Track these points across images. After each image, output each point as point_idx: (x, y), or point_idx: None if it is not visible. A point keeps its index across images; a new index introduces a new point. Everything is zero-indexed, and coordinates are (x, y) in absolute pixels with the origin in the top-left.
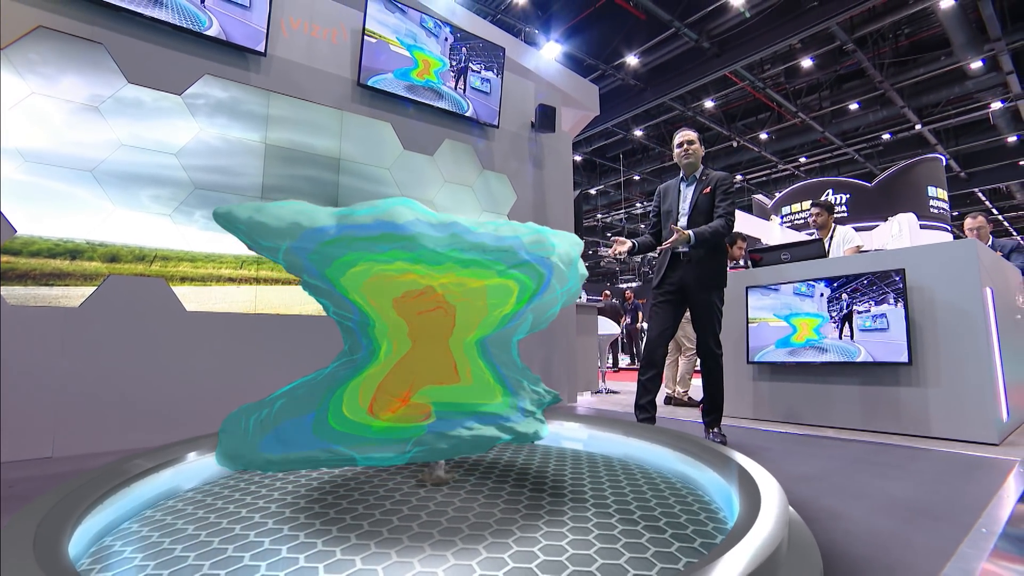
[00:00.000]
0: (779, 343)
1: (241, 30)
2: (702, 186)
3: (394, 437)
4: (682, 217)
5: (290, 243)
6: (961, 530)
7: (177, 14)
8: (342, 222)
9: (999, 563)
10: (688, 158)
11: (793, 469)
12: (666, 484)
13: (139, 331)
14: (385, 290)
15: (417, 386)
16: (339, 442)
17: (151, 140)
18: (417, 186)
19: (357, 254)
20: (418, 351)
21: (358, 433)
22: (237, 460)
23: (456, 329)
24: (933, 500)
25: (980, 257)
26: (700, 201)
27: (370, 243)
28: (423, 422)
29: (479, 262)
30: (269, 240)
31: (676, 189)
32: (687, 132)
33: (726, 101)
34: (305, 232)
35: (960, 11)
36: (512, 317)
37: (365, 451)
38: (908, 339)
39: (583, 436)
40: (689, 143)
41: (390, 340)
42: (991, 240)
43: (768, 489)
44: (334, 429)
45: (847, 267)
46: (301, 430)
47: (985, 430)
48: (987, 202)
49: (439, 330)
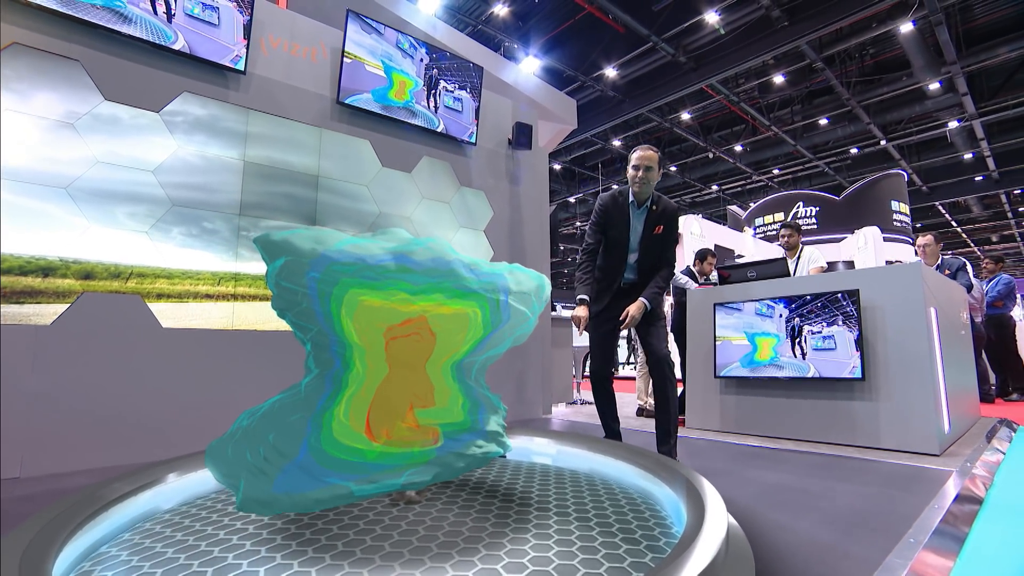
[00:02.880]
0: (743, 360)
1: (208, 46)
2: (654, 221)
3: (404, 461)
4: (632, 253)
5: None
6: (892, 540)
7: (143, 29)
8: (399, 258)
9: (919, 572)
10: (641, 184)
11: (751, 482)
12: (626, 498)
13: (113, 348)
14: (377, 317)
15: (415, 407)
16: (349, 471)
17: (128, 157)
18: (395, 203)
19: (370, 283)
20: (397, 374)
21: (358, 459)
22: (271, 505)
23: (435, 354)
24: (873, 511)
25: (925, 279)
26: (653, 238)
27: (396, 274)
28: (433, 445)
29: (464, 293)
30: (300, 274)
31: (624, 214)
32: (648, 153)
33: (703, 113)
34: (357, 267)
35: (919, 36)
36: (480, 342)
37: (379, 478)
38: (862, 356)
39: (552, 451)
40: (647, 169)
41: (366, 362)
42: (940, 259)
43: (713, 505)
44: (336, 457)
45: (806, 287)
46: (308, 464)
47: (928, 441)
48: (947, 215)
49: (418, 354)
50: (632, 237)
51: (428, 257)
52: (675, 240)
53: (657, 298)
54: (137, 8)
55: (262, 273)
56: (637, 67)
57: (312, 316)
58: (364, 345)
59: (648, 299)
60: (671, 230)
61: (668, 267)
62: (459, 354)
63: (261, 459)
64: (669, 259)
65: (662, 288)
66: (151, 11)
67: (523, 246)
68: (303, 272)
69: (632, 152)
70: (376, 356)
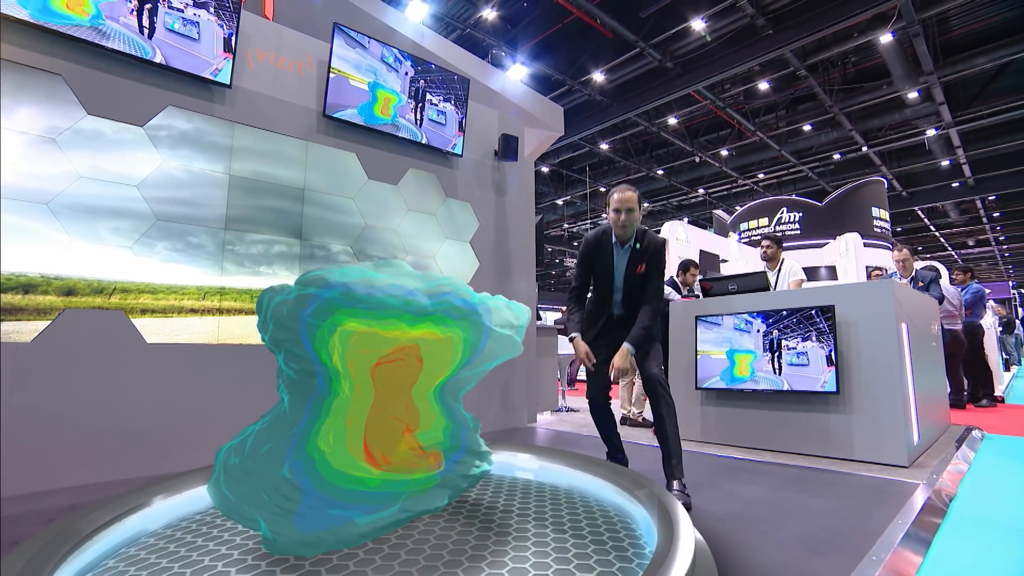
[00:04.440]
0: (722, 375)
1: (187, 60)
2: (636, 260)
3: (411, 488)
4: (619, 291)
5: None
6: (855, 558)
7: (123, 43)
8: (434, 297)
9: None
10: (625, 228)
11: (730, 496)
12: (602, 516)
13: (97, 365)
14: (368, 346)
15: (409, 430)
16: (360, 501)
17: (111, 172)
18: (381, 215)
19: (366, 316)
20: (384, 398)
21: (361, 488)
22: (316, 545)
23: (421, 379)
24: (841, 527)
25: (896, 296)
26: (636, 276)
27: (398, 309)
28: (437, 469)
29: (450, 321)
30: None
31: (609, 254)
32: (627, 195)
33: (689, 117)
34: (353, 301)
35: (898, 46)
36: (463, 366)
37: (392, 506)
38: (837, 370)
39: (535, 467)
40: (628, 211)
41: (353, 388)
42: (915, 271)
43: (683, 528)
44: (342, 488)
45: (784, 302)
46: (317, 498)
47: (897, 454)
48: (926, 219)
49: (404, 379)
50: (616, 276)
51: (460, 299)
52: (660, 273)
53: (642, 340)
54: (116, 23)
55: (248, 287)
56: (625, 72)
57: (302, 349)
58: (352, 373)
59: (633, 343)
60: (655, 265)
61: (652, 302)
62: (443, 378)
63: (281, 498)
64: (652, 294)
65: (647, 327)
66: (130, 27)
67: (509, 257)
68: (294, 314)
69: (611, 194)
70: (363, 381)
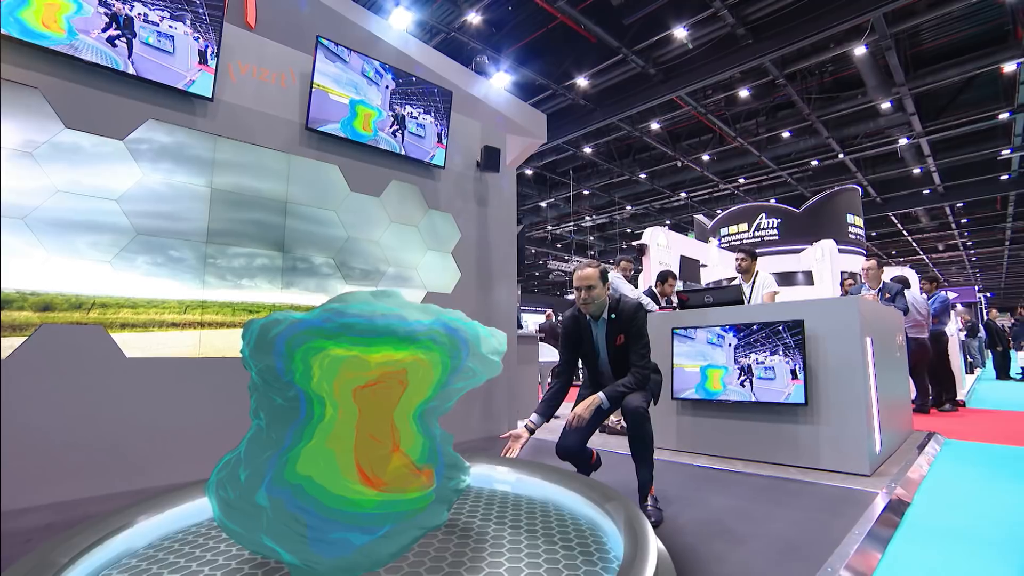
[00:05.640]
0: (696, 388)
1: (159, 72)
2: (615, 331)
3: (410, 507)
4: (606, 365)
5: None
6: (813, 568)
7: (96, 56)
8: (426, 326)
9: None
10: (589, 306)
11: (700, 506)
12: (574, 527)
13: (74, 380)
14: (353, 369)
15: (398, 449)
16: (362, 524)
17: (90, 186)
18: (364, 227)
19: (361, 340)
20: (368, 419)
21: (358, 510)
22: (353, 568)
23: (403, 401)
24: (802, 538)
25: (861, 311)
26: (618, 349)
27: (380, 335)
28: (430, 486)
29: (434, 346)
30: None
31: (587, 331)
32: (585, 272)
33: (671, 123)
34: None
35: (871, 58)
36: (442, 386)
37: (401, 527)
38: (805, 382)
39: (512, 479)
40: (588, 288)
41: (337, 412)
42: (882, 283)
43: (647, 540)
44: (342, 510)
45: (757, 316)
46: (321, 521)
47: (860, 462)
48: (899, 225)
49: (386, 401)
50: (600, 351)
51: (428, 323)
52: (640, 336)
53: (619, 397)
54: (89, 38)
55: (230, 300)
56: (608, 77)
57: (281, 374)
58: (337, 396)
59: (608, 397)
60: (635, 332)
61: (636, 367)
62: (423, 399)
63: (294, 527)
64: (635, 360)
65: (629, 388)
66: (103, 41)
67: (491, 267)
68: (271, 344)
69: (573, 273)
70: (346, 404)
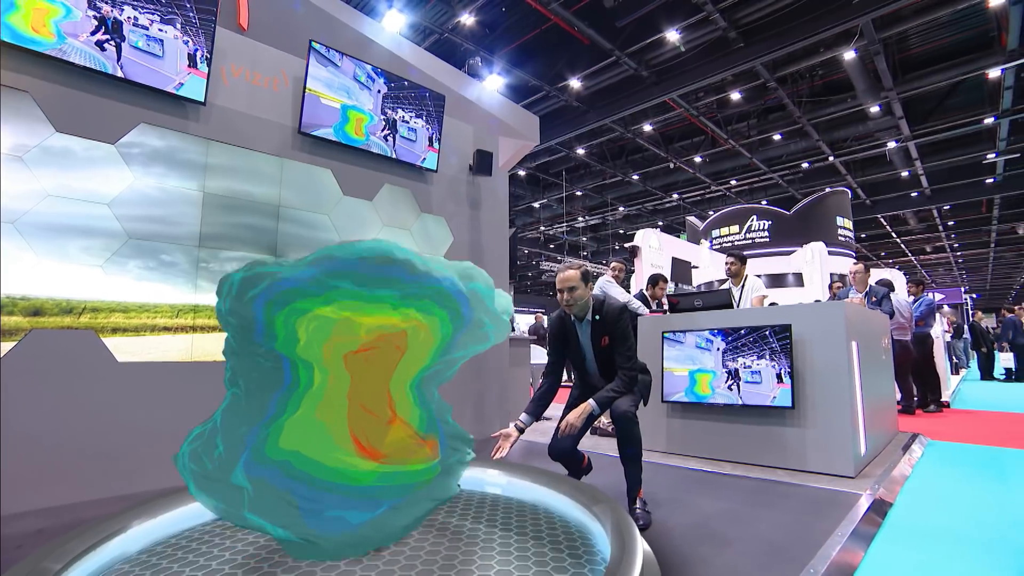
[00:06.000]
0: (685, 392)
1: (148, 75)
2: (599, 334)
3: (415, 479)
4: (592, 365)
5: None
6: (796, 570)
7: (85, 60)
8: (424, 279)
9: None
10: (572, 307)
11: (689, 510)
12: (563, 530)
13: (65, 384)
14: (343, 333)
15: (399, 420)
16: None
17: (81, 191)
18: (357, 231)
19: (357, 295)
20: (362, 389)
21: (354, 483)
22: (356, 546)
23: (399, 369)
24: (788, 539)
25: (847, 316)
26: (603, 350)
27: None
28: (434, 458)
29: (435, 308)
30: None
31: (573, 333)
32: (567, 274)
33: (664, 124)
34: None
35: (860, 62)
36: (442, 350)
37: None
38: (792, 386)
39: (503, 482)
40: (571, 290)
41: (327, 379)
42: (869, 286)
43: (634, 542)
44: (335, 483)
45: (745, 320)
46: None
47: (845, 465)
48: (888, 227)
49: (381, 369)
50: (585, 351)
51: (386, 264)
52: (625, 338)
53: (610, 401)
54: (78, 41)
55: None
56: (601, 79)
57: (262, 337)
58: (326, 362)
59: (598, 403)
60: (620, 335)
61: (624, 369)
62: (422, 367)
63: (296, 506)
64: (622, 363)
65: (618, 392)
66: (92, 45)
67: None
68: (249, 300)
69: (557, 275)
70: (337, 371)
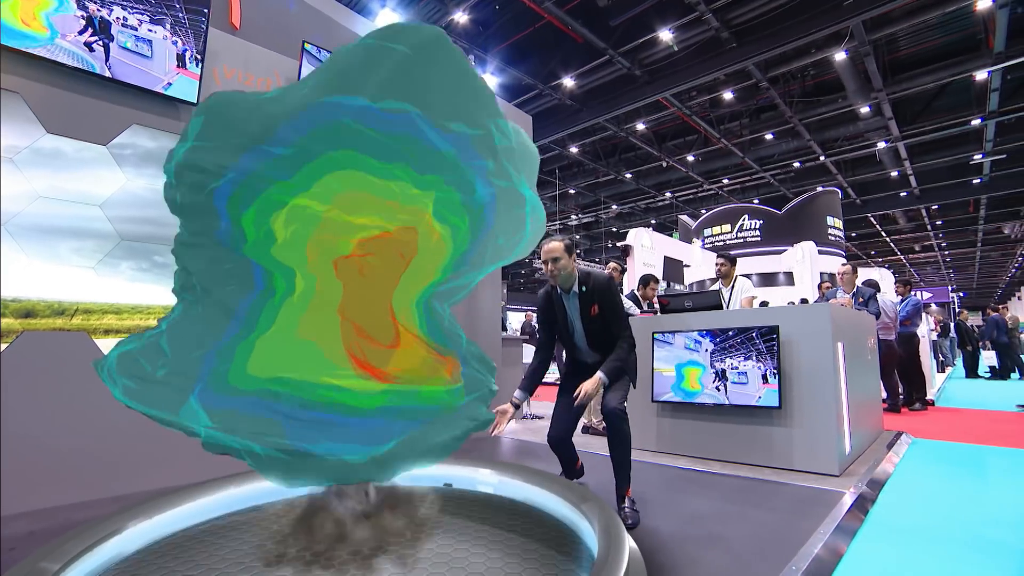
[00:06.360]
0: (673, 388)
1: (137, 76)
2: (588, 303)
3: (434, 402)
4: (581, 337)
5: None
6: (778, 568)
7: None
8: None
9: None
10: (557, 277)
11: (677, 509)
12: (553, 529)
13: (56, 386)
14: (334, 231)
15: (410, 334)
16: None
17: (73, 192)
18: None
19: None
20: (358, 302)
21: (358, 404)
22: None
23: (404, 281)
24: (772, 538)
25: (833, 318)
26: (593, 319)
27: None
28: (455, 382)
29: (449, 215)
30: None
31: (560, 305)
32: (551, 245)
33: (657, 123)
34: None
35: (851, 63)
36: (461, 258)
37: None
38: (780, 386)
39: (494, 481)
40: (554, 260)
41: (314, 284)
42: (856, 287)
43: (621, 541)
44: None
45: (732, 321)
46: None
47: (829, 463)
48: (877, 226)
49: (381, 279)
50: (574, 323)
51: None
52: (616, 308)
53: (617, 372)
54: (66, 42)
55: None
56: (594, 78)
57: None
58: (312, 266)
59: (606, 373)
60: (609, 303)
61: (625, 340)
62: (431, 281)
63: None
64: (619, 331)
65: (623, 360)
66: (80, 45)
67: None
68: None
69: (541, 247)
70: (325, 277)
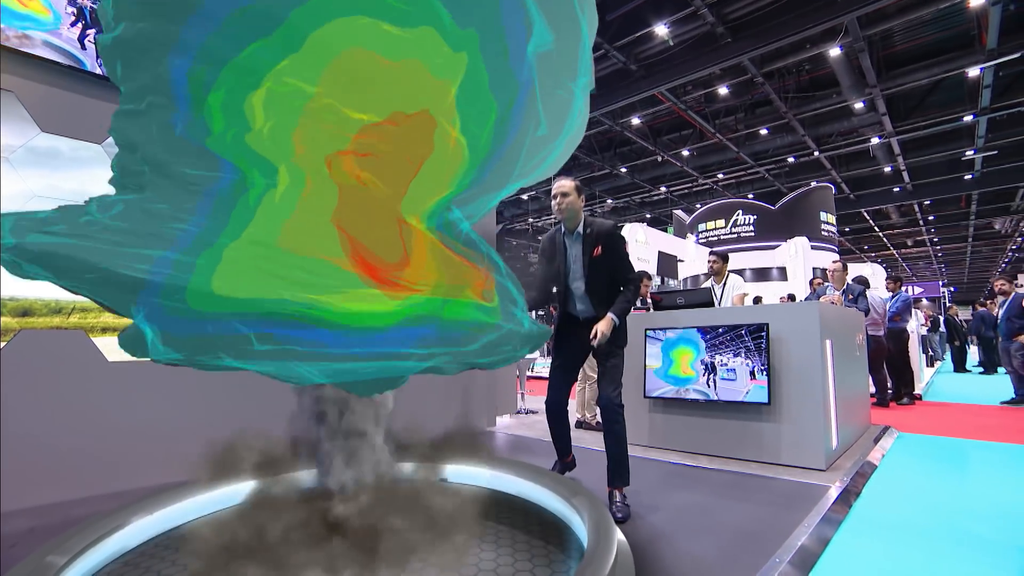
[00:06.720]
0: (663, 376)
1: None
2: (591, 244)
3: (477, 316)
4: (578, 280)
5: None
6: (762, 560)
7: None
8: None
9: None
10: (563, 212)
11: (668, 503)
12: (545, 522)
13: (55, 384)
14: (327, 120)
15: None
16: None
17: (69, 191)
18: None
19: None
20: (352, 211)
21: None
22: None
23: (413, 189)
24: (758, 530)
25: (821, 315)
26: (594, 261)
27: None
28: (489, 300)
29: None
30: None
31: (561, 244)
32: (561, 182)
33: (652, 117)
34: None
35: (845, 59)
36: (481, 167)
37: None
38: (769, 382)
39: (488, 476)
40: (563, 195)
41: (303, 180)
42: (846, 284)
43: (610, 533)
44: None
45: (723, 319)
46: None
47: (816, 458)
48: (871, 221)
49: (385, 183)
50: (573, 265)
51: None
52: (621, 255)
53: (627, 312)
54: (58, 39)
55: None
56: None
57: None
58: (300, 160)
59: (617, 314)
60: (614, 248)
61: (631, 283)
62: (447, 193)
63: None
64: (627, 275)
65: (631, 302)
66: (72, 40)
67: None
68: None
69: (553, 184)
70: (316, 174)
